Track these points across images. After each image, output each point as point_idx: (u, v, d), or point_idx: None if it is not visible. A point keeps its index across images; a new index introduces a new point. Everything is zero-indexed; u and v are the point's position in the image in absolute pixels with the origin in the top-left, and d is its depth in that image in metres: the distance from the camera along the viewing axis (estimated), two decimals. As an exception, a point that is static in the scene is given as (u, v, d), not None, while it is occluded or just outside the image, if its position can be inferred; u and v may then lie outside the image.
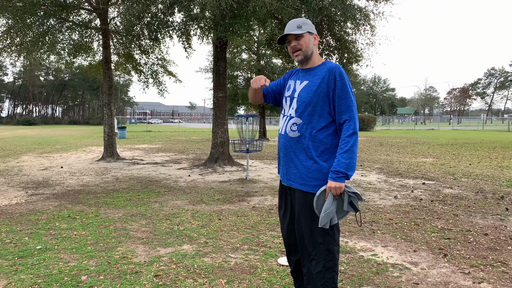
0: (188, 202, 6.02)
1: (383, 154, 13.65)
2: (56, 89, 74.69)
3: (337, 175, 2.18)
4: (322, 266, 2.25)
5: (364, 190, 6.96)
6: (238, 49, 22.43)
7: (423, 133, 30.69)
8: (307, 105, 2.29)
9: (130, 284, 3.05)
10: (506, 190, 6.85)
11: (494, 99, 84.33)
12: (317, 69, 2.34)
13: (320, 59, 2.41)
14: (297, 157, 2.31)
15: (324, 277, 2.25)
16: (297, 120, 2.32)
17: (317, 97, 2.26)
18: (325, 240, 2.25)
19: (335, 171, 2.18)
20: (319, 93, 2.26)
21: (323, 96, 2.26)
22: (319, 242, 2.26)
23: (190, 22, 8.38)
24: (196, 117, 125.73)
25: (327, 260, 2.25)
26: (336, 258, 2.28)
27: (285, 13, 7.83)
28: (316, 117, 2.28)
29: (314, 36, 2.39)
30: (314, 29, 2.42)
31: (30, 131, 36.38)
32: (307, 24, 2.37)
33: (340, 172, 2.17)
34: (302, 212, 2.30)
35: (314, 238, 2.26)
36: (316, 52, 2.40)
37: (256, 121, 9.34)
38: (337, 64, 2.30)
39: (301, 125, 2.30)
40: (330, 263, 2.25)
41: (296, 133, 2.32)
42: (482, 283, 3.08)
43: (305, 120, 2.29)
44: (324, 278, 2.25)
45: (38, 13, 10.20)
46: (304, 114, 2.29)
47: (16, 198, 6.36)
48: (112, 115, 11.88)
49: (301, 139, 2.29)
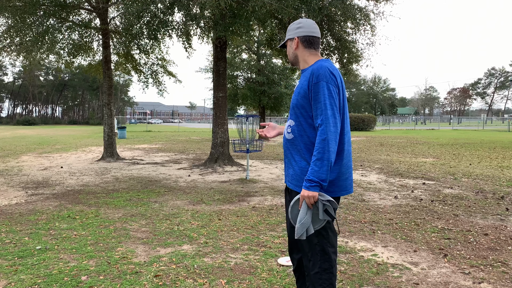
0: (188, 202, 6.01)
1: (383, 154, 13.64)
2: (56, 89, 74.70)
3: (310, 184, 2.12)
4: (318, 267, 2.25)
5: (364, 190, 6.96)
6: (238, 49, 22.42)
7: (423, 133, 30.69)
8: (295, 107, 2.30)
9: (130, 284, 3.04)
10: (506, 190, 6.85)
11: (494, 99, 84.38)
12: (306, 70, 2.31)
13: (316, 58, 2.35)
14: (293, 159, 2.32)
15: (321, 278, 2.24)
16: (291, 122, 2.35)
17: (302, 99, 2.25)
18: (319, 241, 2.24)
19: (308, 180, 2.13)
20: (303, 95, 2.25)
21: (307, 98, 2.24)
22: (315, 243, 2.25)
23: (190, 22, 8.38)
24: (196, 117, 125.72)
25: (323, 261, 2.24)
26: (332, 259, 2.27)
27: (284, 13, 7.82)
28: (304, 119, 2.27)
29: (294, 40, 2.37)
30: (295, 32, 2.37)
31: (30, 131, 36.37)
32: (289, 31, 2.40)
33: (313, 181, 2.11)
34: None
35: (309, 238, 2.25)
36: (303, 54, 2.36)
37: (256, 121, 9.34)
38: (321, 65, 2.22)
39: (294, 127, 2.31)
40: (326, 264, 2.25)
41: (291, 135, 2.34)
42: (482, 283, 3.08)
43: (296, 122, 2.30)
44: (321, 279, 2.24)
45: (37, 13, 10.20)
46: (295, 116, 2.31)
47: (16, 198, 6.36)
48: (112, 115, 11.88)
49: (295, 141, 2.31)
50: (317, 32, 2.37)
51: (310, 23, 2.37)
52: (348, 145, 2.30)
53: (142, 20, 8.48)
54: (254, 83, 22.27)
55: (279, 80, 22.39)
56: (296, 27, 2.37)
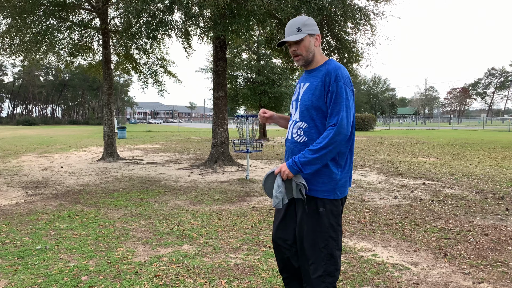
0: (188, 202, 6.01)
1: (383, 154, 13.64)
2: (56, 89, 74.69)
3: (293, 165, 2.16)
4: (323, 270, 2.19)
5: (364, 190, 6.96)
6: (238, 49, 22.42)
7: (423, 133, 30.69)
8: (308, 109, 2.22)
9: (130, 284, 3.04)
10: (506, 190, 6.85)
11: (494, 99, 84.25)
12: (317, 70, 2.24)
13: (324, 57, 2.30)
14: None
15: (324, 281, 2.19)
16: (302, 124, 2.26)
17: (317, 101, 2.18)
18: (328, 244, 2.19)
19: (294, 162, 2.17)
20: (318, 96, 2.18)
21: (322, 99, 2.18)
22: (321, 247, 2.19)
23: (190, 22, 8.38)
24: (196, 117, 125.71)
25: (328, 264, 2.19)
26: (338, 263, 2.22)
27: (284, 13, 7.82)
28: (320, 121, 2.20)
29: (315, 37, 2.26)
30: (315, 28, 2.27)
31: (30, 131, 36.37)
32: (307, 26, 2.24)
33: (296, 165, 2.15)
34: (305, 215, 2.25)
35: (315, 242, 2.19)
36: (318, 52, 2.29)
37: (256, 121, 9.34)
38: (338, 66, 2.19)
39: (307, 130, 2.23)
40: (331, 267, 2.20)
41: (303, 138, 2.25)
42: (482, 283, 3.07)
43: (310, 124, 2.22)
44: (324, 282, 2.19)
45: (37, 13, 10.20)
46: (309, 119, 2.22)
47: (16, 198, 6.35)
48: (112, 115, 11.87)
49: (308, 143, 2.22)
50: None
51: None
52: (353, 145, 2.32)
53: (142, 19, 8.48)
54: (254, 83, 22.27)
55: (279, 80, 22.39)
56: (313, 23, 2.27)
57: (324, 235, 2.19)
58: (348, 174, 2.30)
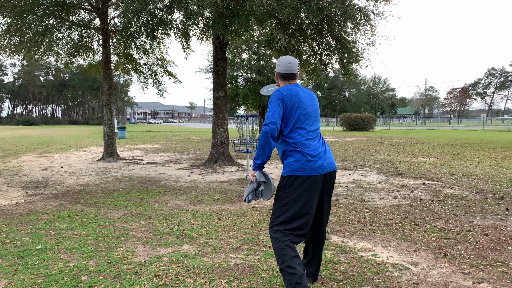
0: (188, 202, 6.01)
1: (383, 154, 13.64)
2: (56, 89, 74.71)
3: (253, 163, 2.78)
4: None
5: (364, 190, 6.96)
6: (238, 49, 22.43)
7: (423, 133, 30.69)
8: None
9: (130, 284, 3.04)
10: (506, 190, 6.85)
11: (494, 99, 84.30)
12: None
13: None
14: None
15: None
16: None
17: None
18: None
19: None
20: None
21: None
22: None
23: (189, 22, 8.37)
24: (196, 117, 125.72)
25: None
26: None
27: (284, 13, 7.81)
28: None
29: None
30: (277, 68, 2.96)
31: (30, 131, 36.36)
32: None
33: (254, 162, 2.77)
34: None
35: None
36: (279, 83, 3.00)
37: (256, 121, 9.34)
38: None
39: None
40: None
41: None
42: (482, 283, 3.08)
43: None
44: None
45: (37, 12, 10.19)
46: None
47: (16, 198, 6.35)
48: (112, 115, 11.88)
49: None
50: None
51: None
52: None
53: (141, 19, 8.48)
54: (254, 83, 22.27)
55: (279, 80, 22.37)
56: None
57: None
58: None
